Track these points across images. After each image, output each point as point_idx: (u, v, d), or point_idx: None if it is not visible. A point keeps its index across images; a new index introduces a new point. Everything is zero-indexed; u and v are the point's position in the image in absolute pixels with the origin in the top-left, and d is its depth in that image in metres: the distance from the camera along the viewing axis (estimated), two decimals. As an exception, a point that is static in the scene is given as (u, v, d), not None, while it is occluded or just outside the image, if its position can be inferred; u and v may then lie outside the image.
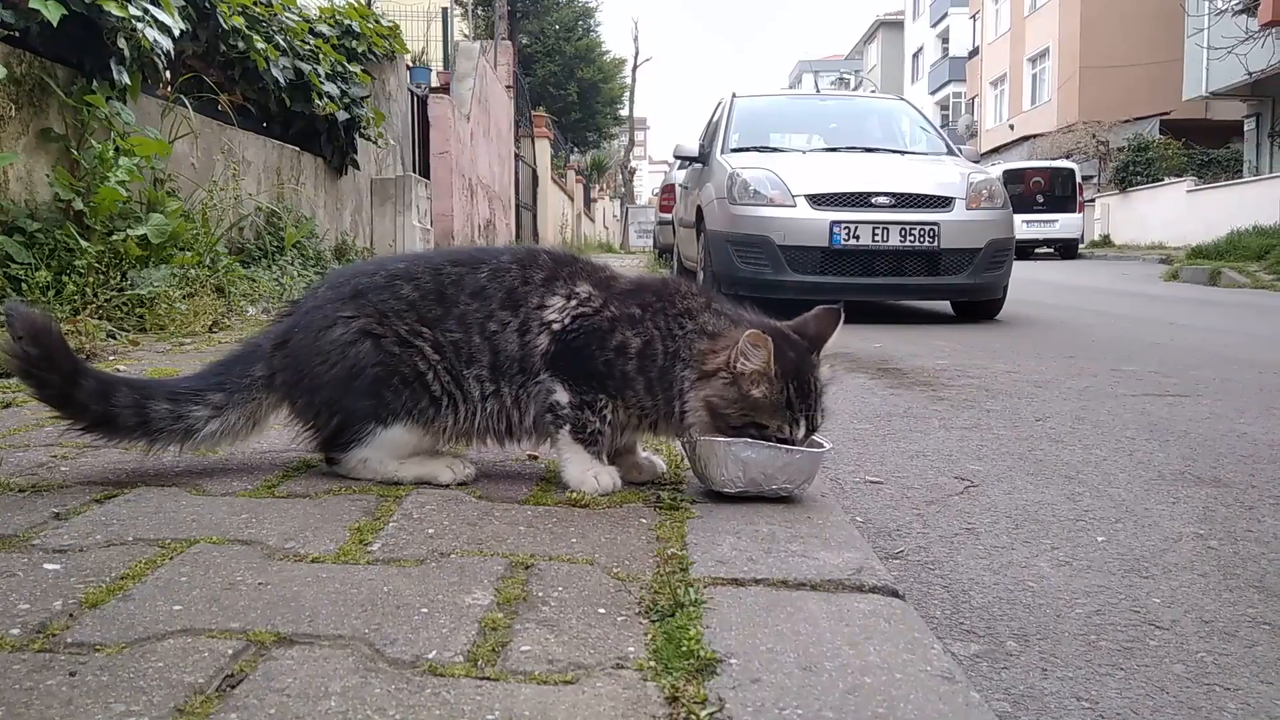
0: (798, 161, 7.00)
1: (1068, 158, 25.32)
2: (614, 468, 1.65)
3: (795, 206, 6.31)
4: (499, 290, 1.63)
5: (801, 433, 1.59)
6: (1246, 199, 18.04)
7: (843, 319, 1.67)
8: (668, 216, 12.73)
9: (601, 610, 1.09)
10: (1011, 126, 34.40)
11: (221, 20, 4.96)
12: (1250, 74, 18.61)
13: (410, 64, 10.22)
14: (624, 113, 36.73)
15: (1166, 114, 25.52)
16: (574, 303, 1.63)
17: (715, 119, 8.44)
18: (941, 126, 13.08)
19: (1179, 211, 21.35)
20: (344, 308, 1.62)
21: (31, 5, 3.30)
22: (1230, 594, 1.65)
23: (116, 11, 3.68)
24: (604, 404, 1.62)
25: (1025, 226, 18.93)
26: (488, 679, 0.91)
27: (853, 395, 3.62)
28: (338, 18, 7.35)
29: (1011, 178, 20.96)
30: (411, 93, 9.81)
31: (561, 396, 1.61)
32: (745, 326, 1.60)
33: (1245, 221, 15.37)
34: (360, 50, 7.50)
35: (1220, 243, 14.34)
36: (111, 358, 3.04)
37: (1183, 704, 1.26)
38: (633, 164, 47.13)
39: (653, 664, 0.96)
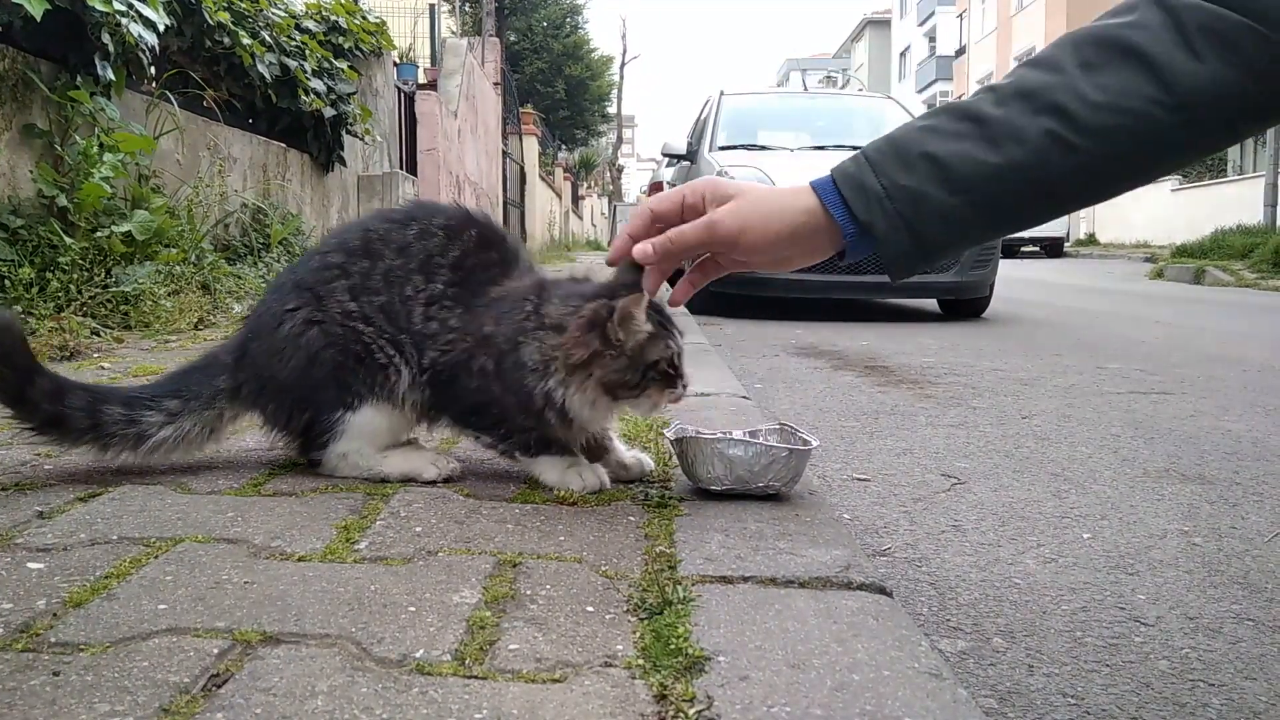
0: (785, 159, 7.01)
1: (1054, 156, 25.40)
2: (598, 465, 1.64)
3: (783, 204, 6.32)
4: (421, 253, 1.57)
5: (682, 340, 1.52)
6: (1230, 198, 18.17)
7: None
8: (656, 214, 12.68)
9: (590, 608, 1.09)
10: (998, 125, 34.46)
11: (207, 16, 4.93)
12: (1234, 73, 18.69)
13: (397, 60, 10.18)
14: (612, 110, 36.73)
15: (1151, 113, 25.64)
16: (448, 334, 1.55)
17: (703, 117, 8.44)
18: (928, 125, 13.05)
19: (1164, 210, 21.49)
20: (287, 301, 1.60)
21: (15, 0, 3.28)
22: (1215, 590, 1.66)
23: (101, 6, 3.65)
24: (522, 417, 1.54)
25: (1011, 224, 18.96)
26: (475, 678, 0.91)
27: (840, 393, 3.63)
28: (324, 14, 7.31)
29: (998, 176, 21.03)
30: (399, 89, 9.77)
31: (487, 438, 1.61)
32: (573, 303, 1.50)
33: (1229, 220, 15.48)
34: (347, 46, 7.46)
35: (1205, 241, 14.44)
36: (96, 355, 3.02)
37: (1168, 700, 1.27)
38: (620, 161, 47.14)
39: (641, 662, 0.95)
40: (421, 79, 11.88)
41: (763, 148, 7.54)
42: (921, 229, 1.05)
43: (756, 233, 1.10)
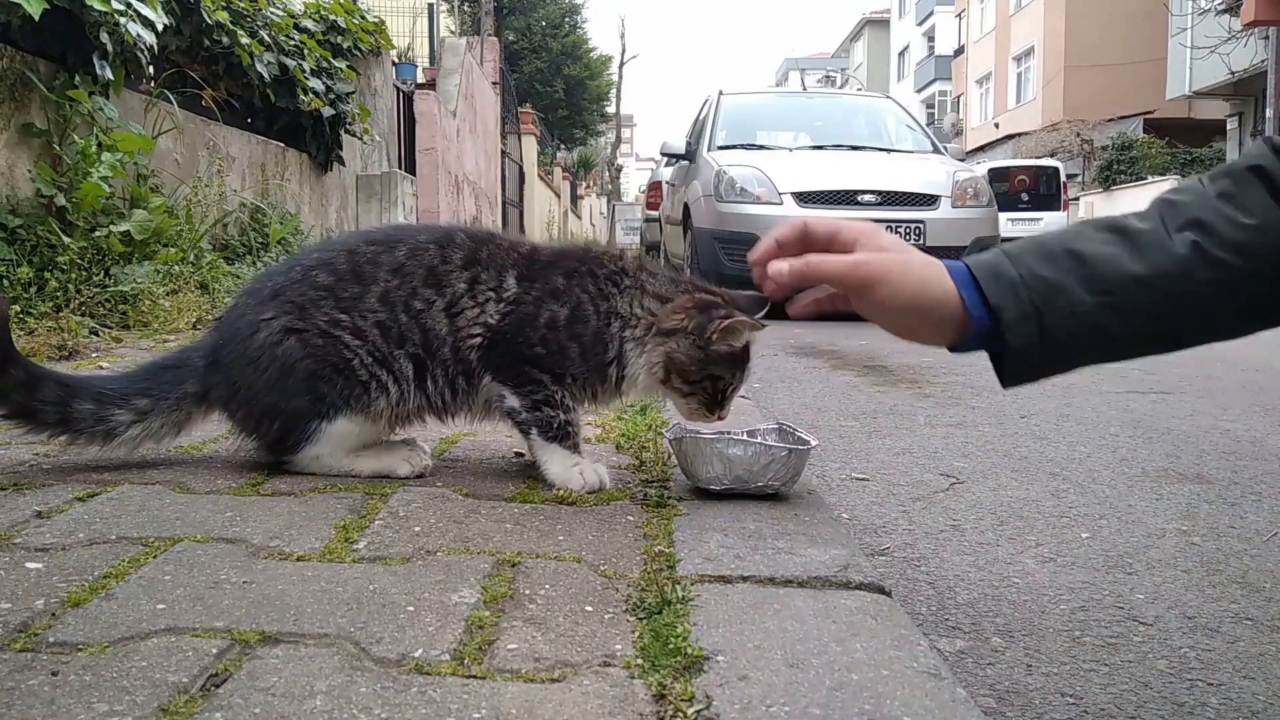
0: (784, 159, 7.01)
1: (1052, 156, 25.44)
2: (599, 464, 1.64)
3: (782, 204, 6.33)
4: (419, 268, 1.62)
5: (744, 380, 1.66)
6: (1229, 197, 18.14)
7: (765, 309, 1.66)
8: (654, 214, 12.69)
9: (589, 608, 1.09)
10: (996, 125, 34.54)
11: (205, 15, 4.93)
12: (1233, 73, 18.77)
13: (396, 60, 10.17)
14: (610, 109, 36.70)
15: (1150, 113, 25.68)
16: (506, 300, 1.62)
17: (702, 116, 8.45)
18: (927, 124, 13.10)
19: (1162, 210, 21.45)
20: (264, 310, 1.61)
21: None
22: (1213, 590, 1.66)
23: (99, 6, 3.65)
24: (558, 393, 1.62)
25: (1010, 224, 18.94)
26: (474, 677, 0.91)
27: (839, 392, 3.63)
28: (323, 13, 7.31)
29: (996, 176, 21.03)
30: (397, 89, 9.77)
31: (515, 401, 1.62)
32: (685, 286, 1.64)
33: (1227, 220, 15.45)
34: (345, 46, 7.46)
35: (1203, 241, 14.42)
36: (94, 355, 3.02)
37: (1166, 699, 1.27)
38: (619, 161, 47.15)
39: (640, 661, 0.95)
40: (420, 78, 11.87)
41: (762, 147, 7.54)
42: (1052, 323, 0.99)
43: (893, 288, 1.06)
